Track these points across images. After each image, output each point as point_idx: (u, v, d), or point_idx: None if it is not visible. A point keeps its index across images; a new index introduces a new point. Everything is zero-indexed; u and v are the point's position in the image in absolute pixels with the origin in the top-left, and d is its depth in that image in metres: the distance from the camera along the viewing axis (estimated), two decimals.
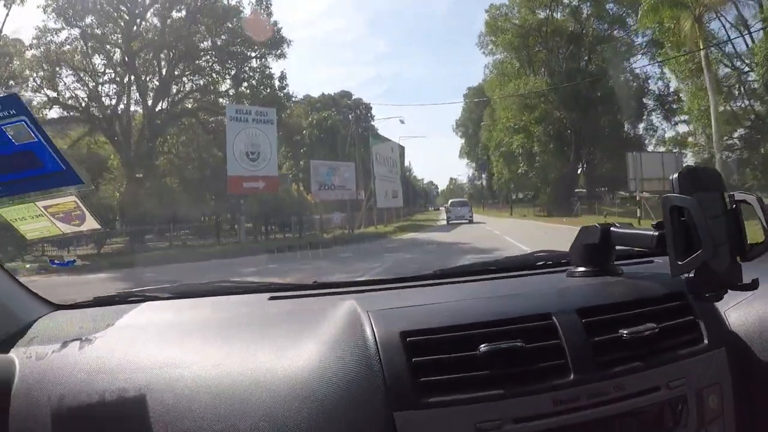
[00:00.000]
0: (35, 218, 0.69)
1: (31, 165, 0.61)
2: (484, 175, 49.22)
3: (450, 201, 24.41)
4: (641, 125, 22.27)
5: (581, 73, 20.93)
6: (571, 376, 0.58)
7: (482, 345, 0.57)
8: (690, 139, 18.58)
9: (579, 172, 24.18)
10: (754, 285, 0.64)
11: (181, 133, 13.92)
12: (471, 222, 18.48)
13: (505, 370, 0.57)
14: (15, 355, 0.63)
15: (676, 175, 0.63)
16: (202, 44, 13.22)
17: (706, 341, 0.67)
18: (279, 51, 13.23)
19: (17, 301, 0.73)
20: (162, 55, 12.78)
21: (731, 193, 0.66)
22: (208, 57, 13.67)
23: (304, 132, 21.37)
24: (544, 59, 22.35)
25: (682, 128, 19.87)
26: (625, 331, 0.61)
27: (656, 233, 0.69)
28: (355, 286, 0.86)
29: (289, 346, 0.60)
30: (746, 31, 13.26)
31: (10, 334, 0.67)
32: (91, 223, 0.71)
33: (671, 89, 20.50)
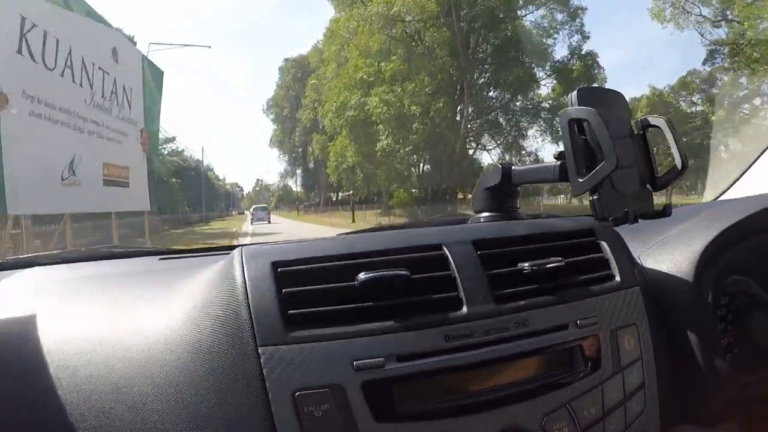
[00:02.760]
0: None
1: None
2: (299, 171, 47.27)
3: (253, 207, 31.45)
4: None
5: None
6: (464, 310, 0.52)
7: (361, 273, 0.52)
8: None
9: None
10: (666, 212, 0.63)
11: None
12: (269, 222, 24.03)
13: (388, 301, 0.51)
14: None
15: (575, 92, 0.60)
16: None
17: (618, 278, 0.62)
18: None
19: None
20: None
21: (641, 117, 0.63)
22: None
23: None
24: None
25: None
26: (526, 265, 0.57)
27: (558, 162, 0.65)
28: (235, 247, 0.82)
29: (167, 296, 0.56)
30: None
31: None
32: None
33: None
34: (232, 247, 0.74)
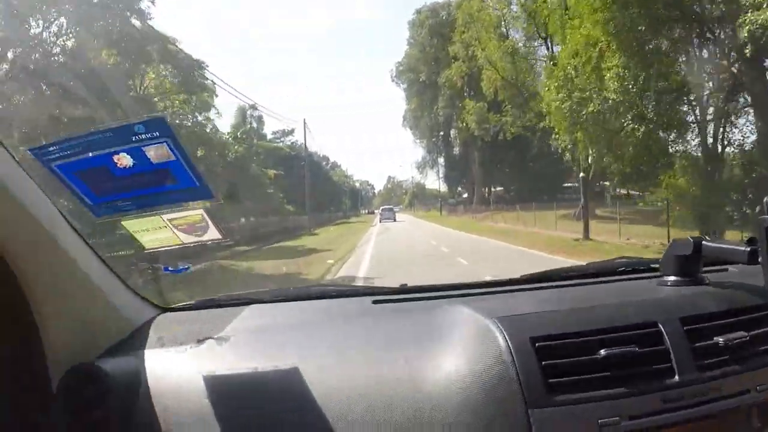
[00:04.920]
0: (158, 229, 0.76)
1: (165, 181, 0.67)
2: (441, 160, 37.90)
3: (381, 208, 39.18)
4: None
5: None
6: (676, 378, 0.69)
7: (602, 349, 0.69)
8: None
9: None
10: None
11: None
12: (395, 220, 29.91)
13: (623, 371, 0.68)
14: (136, 358, 0.74)
15: (767, 199, 0.77)
16: None
17: None
18: None
19: (129, 306, 0.86)
20: None
21: None
22: None
23: None
24: None
25: None
26: (720, 339, 0.73)
27: (748, 248, 0.82)
28: (449, 290, 0.99)
29: (418, 352, 0.72)
30: None
31: (125, 338, 0.80)
32: (212, 234, 0.77)
33: None
34: (434, 288, 0.99)
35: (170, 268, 1.09)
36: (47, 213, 0.71)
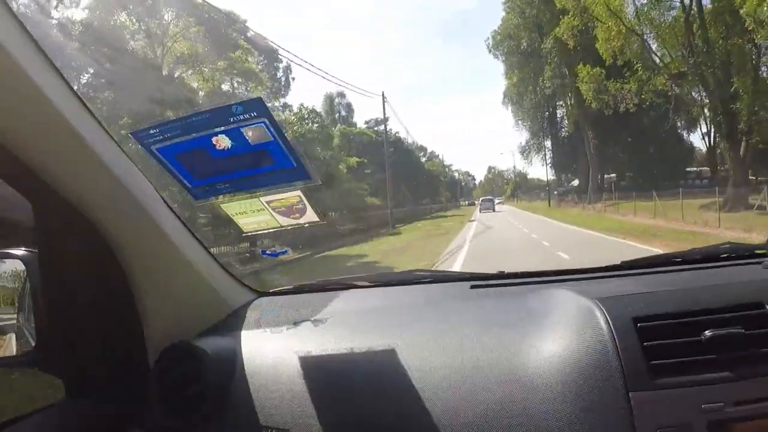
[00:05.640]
0: (256, 212, 0.76)
1: (263, 162, 0.67)
2: (548, 144, 33.94)
3: (481, 199, 42.11)
4: None
5: None
6: None
7: (707, 330, 0.66)
8: None
9: None
10: None
11: None
12: (494, 210, 31.82)
13: (728, 354, 0.65)
14: (233, 338, 0.79)
15: None
16: None
17: None
18: None
19: (227, 289, 0.90)
20: None
21: None
22: None
23: None
24: None
25: None
26: None
27: None
28: (549, 275, 0.98)
29: (515, 334, 0.71)
30: None
31: (222, 320, 0.85)
32: (310, 216, 0.75)
33: None
34: (532, 274, 0.97)
35: (268, 252, 1.19)
36: (148, 195, 0.76)
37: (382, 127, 29.23)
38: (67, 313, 0.74)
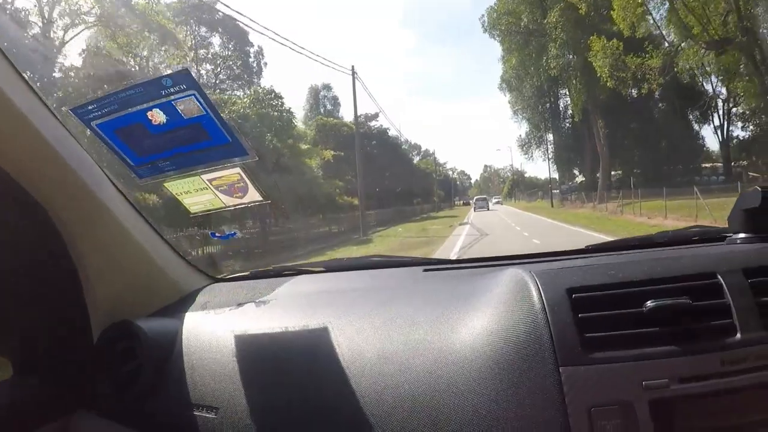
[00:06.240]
0: (199, 191, 0.84)
1: (199, 138, 0.74)
2: (550, 137, 32.42)
3: (475, 198, 46.18)
4: None
5: None
6: (738, 336, 0.66)
7: (648, 301, 0.67)
8: None
9: None
10: None
11: None
12: (488, 209, 35.37)
13: (672, 327, 0.66)
14: (177, 320, 0.87)
15: None
16: None
17: None
18: None
19: (179, 273, 1.01)
20: None
21: None
22: None
23: None
24: None
25: None
26: None
27: None
28: (505, 260, 1.05)
29: (452, 312, 0.77)
30: None
31: (172, 303, 0.95)
32: (253, 195, 0.83)
33: None
34: (487, 259, 1.07)
35: (217, 234, 1.34)
36: (95, 175, 0.82)
37: (373, 123, 28.88)
38: (13, 293, 0.81)
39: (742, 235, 0.95)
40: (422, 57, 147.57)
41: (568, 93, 29.48)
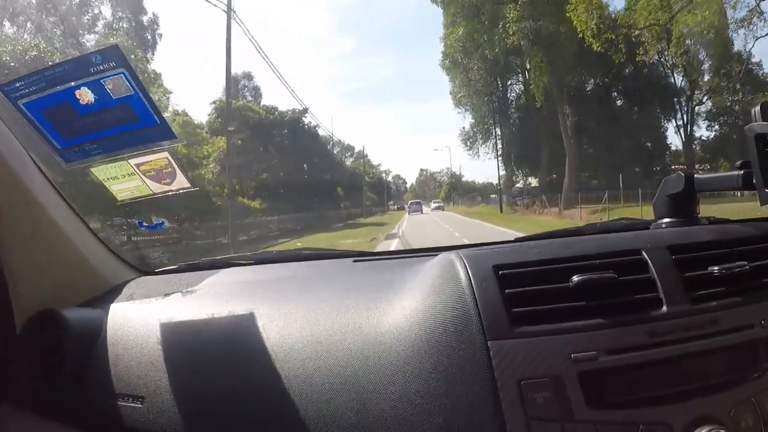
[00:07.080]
0: (127, 177, 0.95)
1: (127, 119, 0.84)
2: (497, 131, 30.47)
3: (410, 202, 51.90)
4: None
5: None
6: (664, 309, 0.79)
7: (575, 275, 0.78)
8: None
9: None
10: None
11: None
12: (422, 213, 40.39)
13: (598, 301, 0.78)
14: (103, 310, 1.00)
15: (758, 107, 0.91)
16: None
17: None
18: None
19: (106, 266, 1.17)
20: None
21: None
22: None
23: None
24: None
25: None
26: (716, 268, 0.83)
27: (741, 172, 0.98)
28: (435, 250, 1.19)
29: (381, 296, 0.91)
30: None
31: (98, 295, 1.10)
32: (181, 182, 0.96)
33: None
34: (421, 250, 1.31)
35: (145, 224, 1.65)
36: (21, 160, 0.89)
37: (307, 119, 26.92)
38: None
39: (666, 220, 1.12)
40: (360, 59, 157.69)
41: (524, 73, 26.55)
